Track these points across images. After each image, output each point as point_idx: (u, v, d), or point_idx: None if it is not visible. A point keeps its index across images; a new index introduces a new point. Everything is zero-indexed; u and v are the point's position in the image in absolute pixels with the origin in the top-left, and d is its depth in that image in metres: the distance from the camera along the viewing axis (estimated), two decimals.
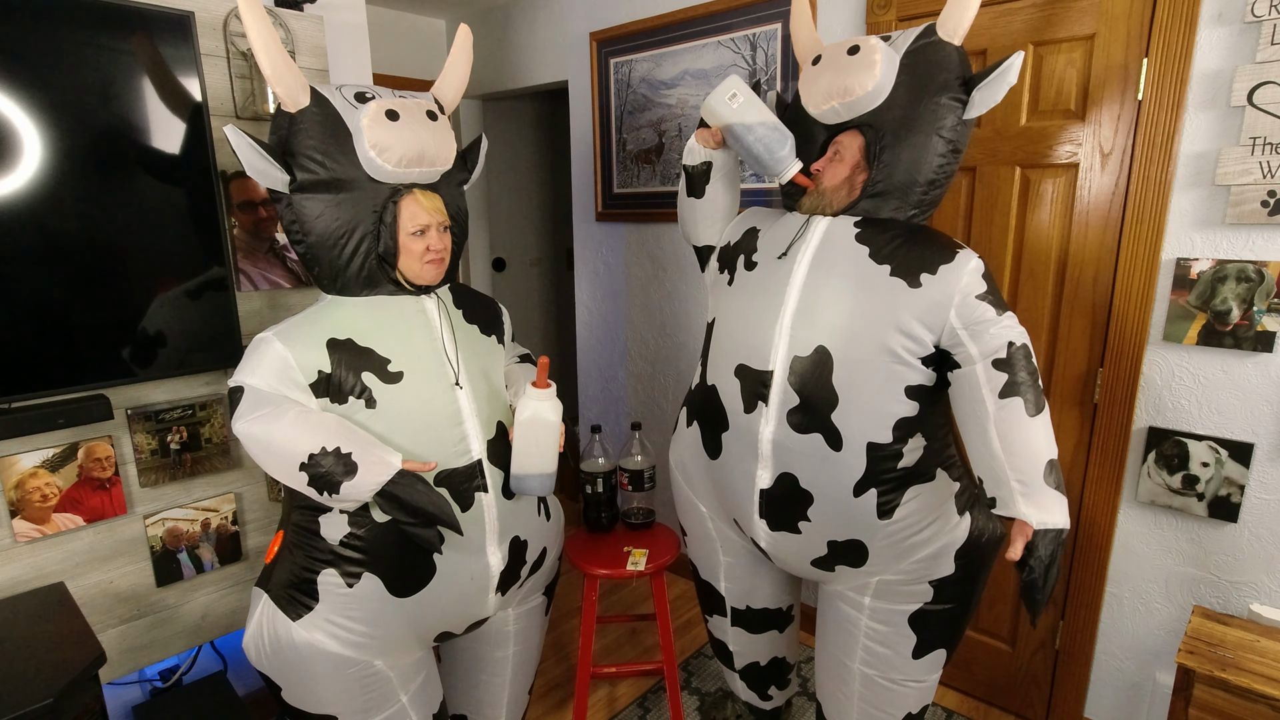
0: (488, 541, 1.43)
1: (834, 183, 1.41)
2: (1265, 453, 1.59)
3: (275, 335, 1.33)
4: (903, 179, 1.37)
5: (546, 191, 4.13)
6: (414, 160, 1.36)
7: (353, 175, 1.34)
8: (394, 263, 1.39)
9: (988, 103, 1.33)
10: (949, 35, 1.35)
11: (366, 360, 1.34)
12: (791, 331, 1.36)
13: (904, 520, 1.38)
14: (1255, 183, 1.50)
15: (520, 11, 3.07)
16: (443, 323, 1.44)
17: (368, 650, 1.40)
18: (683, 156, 1.60)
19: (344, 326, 1.36)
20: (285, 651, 1.37)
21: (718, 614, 1.77)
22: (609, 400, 3.03)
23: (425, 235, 1.38)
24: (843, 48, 1.38)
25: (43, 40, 1.40)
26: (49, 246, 1.45)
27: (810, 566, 1.49)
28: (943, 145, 1.36)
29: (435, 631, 1.47)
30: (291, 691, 1.41)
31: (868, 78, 1.33)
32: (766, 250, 1.47)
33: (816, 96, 1.41)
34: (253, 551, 1.89)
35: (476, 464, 1.40)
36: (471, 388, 1.43)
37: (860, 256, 1.35)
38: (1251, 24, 1.48)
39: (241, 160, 1.30)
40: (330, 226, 1.36)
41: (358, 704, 1.42)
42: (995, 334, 1.27)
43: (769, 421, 1.39)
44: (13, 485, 1.51)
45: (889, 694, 1.51)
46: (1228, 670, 1.44)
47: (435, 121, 1.40)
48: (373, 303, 1.40)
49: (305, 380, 1.32)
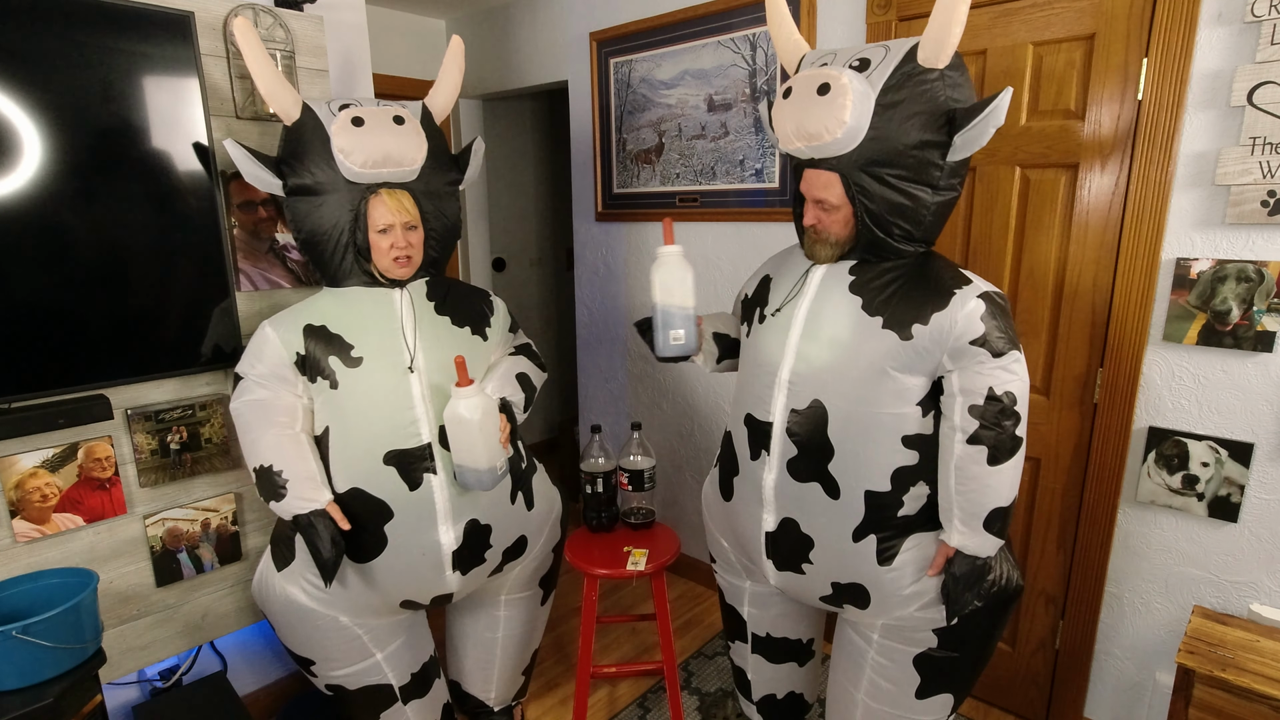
0: (438, 520, 1.55)
1: (842, 233, 1.35)
2: (1265, 453, 1.59)
3: (269, 323, 1.55)
4: (889, 224, 1.30)
5: (546, 191, 4.13)
6: (379, 161, 1.49)
7: (332, 178, 1.51)
8: (369, 257, 1.55)
9: (972, 146, 1.24)
10: (930, 61, 1.24)
11: (334, 346, 1.52)
12: (789, 385, 1.38)
13: (905, 568, 1.38)
14: (1255, 183, 1.50)
15: (520, 11, 3.07)
16: (405, 314, 1.57)
17: (330, 605, 1.59)
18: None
19: (322, 314, 1.54)
20: (275, 597, 1.62)
21: (739, 639, 1.77)
22: (609, 400, 3.03)
23: (390, 233, 1.53)
24: (813, 83, 1.25)
25: (43, 40, 1.40)
26: (49, 246, 1.45)
27: (820, 601, 1.51)
28: (927, 194, 1.28)
29: (396, 599, 1.61)
30: (282, 632, 1.66)
31: (835, 124, 1.23)
32: (774, 301, 1.47)
33: (784, 134, 1.33)
34: (253, 551, 1.89)
35: (426, 447, 1.53)
36: (428, 376, 1.55)
37: (853, 309, 1.33)
38: (1251, 24, 1.48)
39: (240, 169, 1.49)
40: (317, 224, 1.53)
41: (332, 652, 1.63)
42: (980, 378, 1.25)
43: (771, 469, 1.42)
44: (13, 485, 1.51)
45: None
46: (1228, 670, 1.44)
47: (401, 125, 1.53)
48: (347, 293, 1.58)
49: (290, 360, 1.52)
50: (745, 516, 1.51)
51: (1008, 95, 1.19)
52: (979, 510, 1.29)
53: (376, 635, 1.65)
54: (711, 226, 2.51)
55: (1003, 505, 1.30)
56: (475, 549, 1.61)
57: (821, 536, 1.39)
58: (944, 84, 1.25)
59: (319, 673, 1.67)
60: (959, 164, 1.29)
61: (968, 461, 1.28)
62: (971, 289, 1.27)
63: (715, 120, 2.39)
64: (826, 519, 1.38)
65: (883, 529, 1.36)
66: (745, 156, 2.35)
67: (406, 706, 1.73)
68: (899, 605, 1.40)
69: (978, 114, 1.20)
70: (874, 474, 1.34)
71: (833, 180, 1.30)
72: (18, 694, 1.30)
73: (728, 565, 1.70)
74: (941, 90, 1.24)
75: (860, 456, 1.33)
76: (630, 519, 2.00)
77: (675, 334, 1.51)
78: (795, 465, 1.39)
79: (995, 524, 1.30)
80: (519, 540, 1.72)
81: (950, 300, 1.26)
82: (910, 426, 1.32)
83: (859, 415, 1.32)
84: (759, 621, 1.70)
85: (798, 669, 1.75)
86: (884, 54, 1.27)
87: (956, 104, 1.25)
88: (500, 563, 1.70)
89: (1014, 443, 1.27)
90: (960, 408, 1.27)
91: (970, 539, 1.31)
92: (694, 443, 2.73)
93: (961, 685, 1.47)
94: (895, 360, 1.29)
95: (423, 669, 1.76)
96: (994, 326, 1.25)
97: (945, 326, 1.26)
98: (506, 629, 1.88)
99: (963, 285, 1.28)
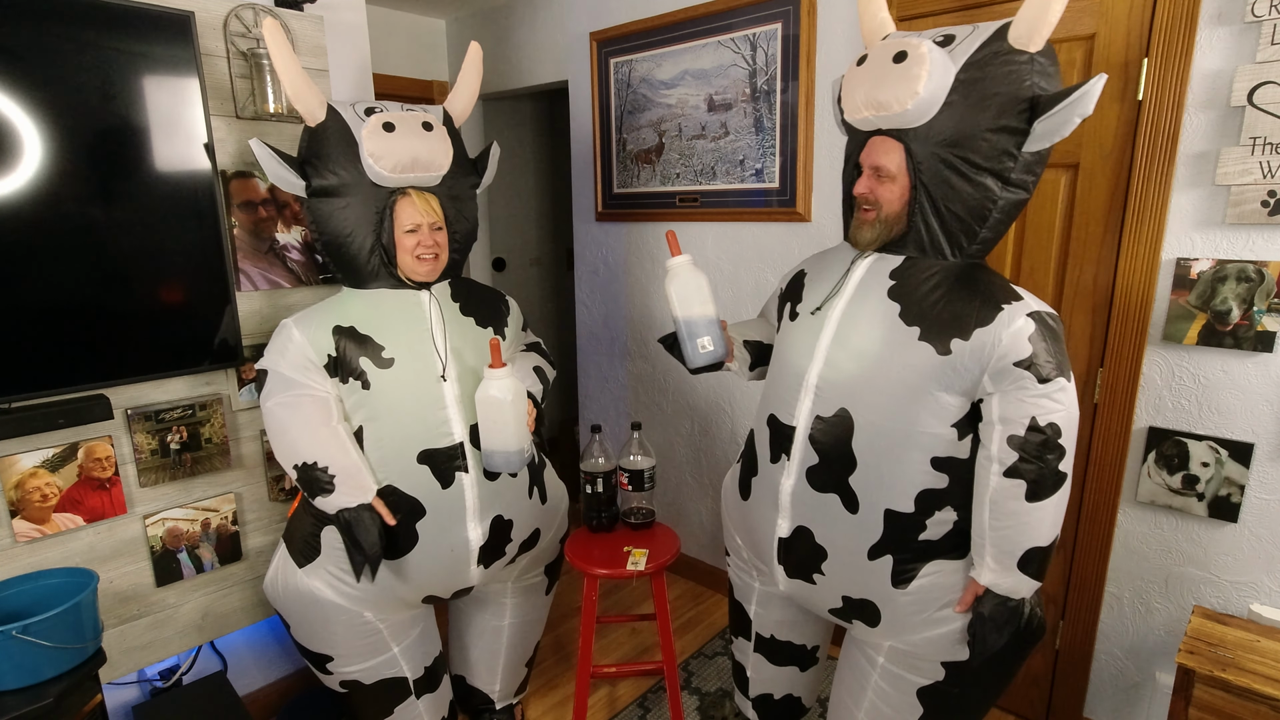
0: (468, 517, 1.59)
1: (893, 208, 1.25)
2: (1265, 453, 1.59)
3: (293, 322, 1.55)
4: (947, 215, 1.22)
5: (546, 191, 4.13)
6: (408, 166, 1.51)
7: (358, 180, 1.52)
8: (394, 259, 1.56)
9: (1054, 135, 1.14)
10: (1021, 42, 1.14)
11: (365, 347, 1.53)
12: (817, 390, 1.32)
13: (921, 593, 1.30)
14: (1255, 183, 1.50)
15: (520, 11, 3.07)
16: (434, 315, 1.60)
17: (357, 601, 1.60)
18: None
19: (350, 315, 1.55)
20: (293, 594, 1.61)
21: (742, 636, 1.73)
22: (609, 400, 3.03)
23: (417, 233, 1.55)
24: (890, 50, 1.19)
25: (43, 40, 1.40)
26: (49, 246, 1.44)
27: (829, 614, 1.46)
28: (996, 185, 1.19)
29: (421, 594, 1.66)
30: (298, 630, 1.66)
31: (907, 94, 1.16)
32: (810, 299, 1.41)
33: (852, 104, 1.26)
34: (253, 551, 1.89)
35: (458, 446, 1.57)
36: (459, 375, 1.58)
37: (890, 316, 1.25)
38: (1251, 24, 1.48)
39: (264, 168, 1.50)
40: (340, 226, 1.54)
41: (351, 648, 1.64)
42: (1023, 405, 1.16)
43: (789, 475, 1.37)
44: (13, 485, 1.51)
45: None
46: (1228, 670, 1.44)
47: (430, 131, 1.55)
48: (375, 295, 1.59)
49: (320, 363, 1.52)
50: (760, 518, 1.47)
51: (1101, 81, 1.09)
52: (1014, 549, 1.20)
53: (395, 629, 1.68)
54: (712, 226, 2.51)
55: (1041, 545, 1.20)
56: (499, 543, 1.66)
57: (836, 549, 1.34)
58: (1032, 68, 1.15)
59: (335, 669, 1.67)
60: (1035, 158, 1.20)
61: (1004, 496, 1.19)
62: (1021, 306, 1.18)
63: (715, 120, 2.39)
64: (842, 533, 1.32)
65: (901, 550, 1.29)
66: (745, 156, 2.35)
67: (419, 701, 1.75)
68: (910, 630, 1.33)
69: (1064, 99, 1.10)
70: (897, 493, 1.26)
71: (895, 147, 1.22)
72: (18, 694, 1.30)
73: (740, 562, 1.67)
74: (1029, 74, 1.15)
75: (884, 473, 1.26)
76: (630, 519, 2.00)
77: (702, 342, 1.48)
78: (815, 474, 1.33)
79: (1032, 565, 1.20)
80: (534, 533, 1.77)
81: (997, 316, 1.17)
82: (942, 448, 1.24)
83: (888, 430, 1.24)
84: (764, 622, 1.67)
85: (799, 673, 1.72)
86: (971, 31, 1.20)
87: (1043, 92, 1.16)
88: (515, 555, 1.75)
89: (1057, 479, 1.17)
90: (999, 437, 1.18)
91: (1003, 578, 1.22)
92: (694, 443, 2.73)
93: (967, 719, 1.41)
94: (930, 376, 1.20)
95: (434, 663, 1.79)
96: (1043, 349, 1.15)
97: (988, 344, 1.16)
98: (513, 616, 1.91)
99: (1012, 301, 1.19)
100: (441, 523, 1.57)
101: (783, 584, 1.48)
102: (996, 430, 1.19)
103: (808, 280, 1.44)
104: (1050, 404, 1.16)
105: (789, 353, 1.40)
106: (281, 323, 1.56)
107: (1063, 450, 1.17)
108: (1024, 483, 1.17)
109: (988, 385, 1.19)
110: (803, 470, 1.35)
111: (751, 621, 1.69)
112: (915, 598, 1.31)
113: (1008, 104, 1.15)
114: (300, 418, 1.50)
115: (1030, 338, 1.15)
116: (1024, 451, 1.16)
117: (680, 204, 2.55)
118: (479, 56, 1.71)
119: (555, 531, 1.90)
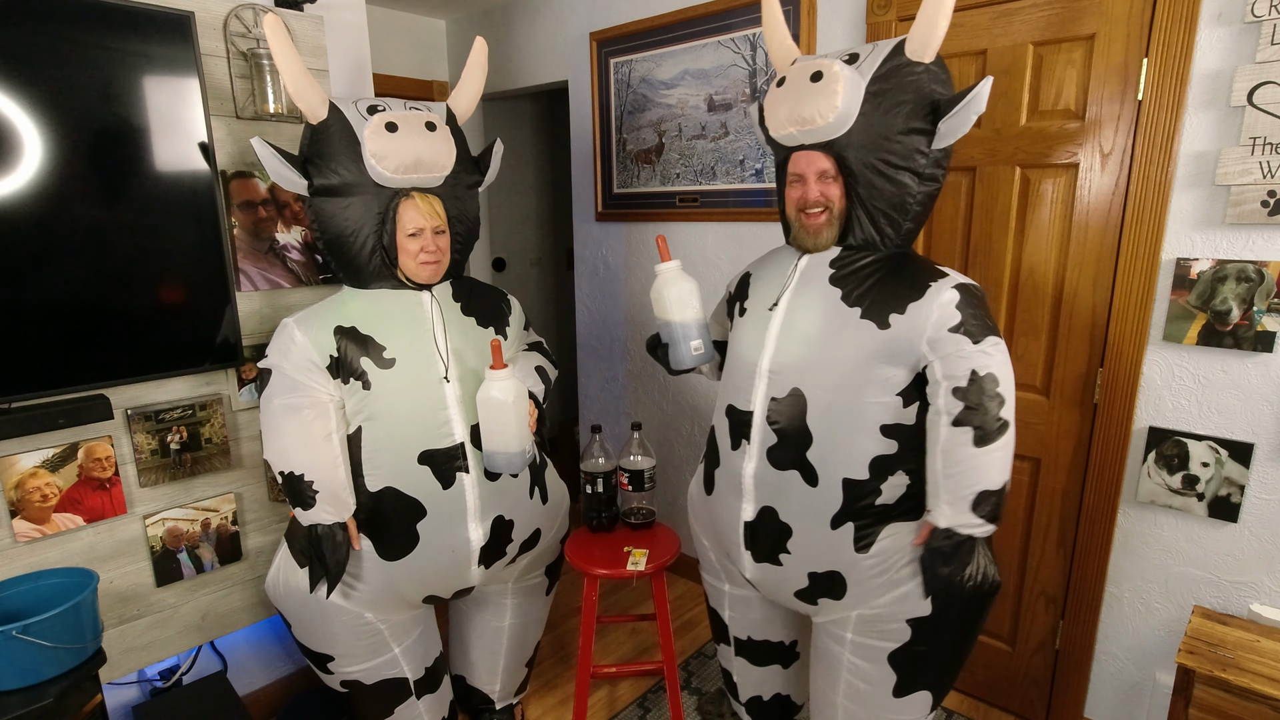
0: (469, 518, 1.59)
1: (840, 204, 1.39)
2: (1265, 453, 1.59)
3: (295, 322, 1.53)
4: (874, 210, 1.37)
5: (546, 191, 4.13)
6: (410, 167, 1.50)
7: (360, 180, 1.50)
8: (395, 260, 1.55)
9: (955, 133, 1.31)
10: (917, 55, 1.31)
11: (366, 347, 1.52)
12: (770, 375, 1.42)
13: (881, 555, 1.39)
14: (1255, 183, 1.50)
15: (520, 11, 3.07)
16: (435, 316, 1.59)
17: (358, 603, 1.60)
18: None
19: (351, 315, 1.54)
20: (294, 594, 1.61)
21: (724, 643, 1.80)
22: (609, 400, 3.03)
23: (420, 236, 1.54)
24: (806, 71, 1.34)
25: (43, 40, 1.40)
26: (49, 246, 1.45)
27: (794, 598, 1.51)
28: (913, 180, 1.34)
29: (422, 594, 1.66)
30: (299, 629, 1.66)
31: (828, 108, 1.30)
32: (757, 296, 1.52)
33: (776, 121, 1.40)
34: (253, 551, 1.89)
35: (459, 446, 1.56)
36: (460, 376, 1.58)
37: (833, 300, 1.38)
38: (1251, 24, 1.48)
39: (266, 167, 1.48)
40: (342, 226, 1.53)
41: (352, 648, 1.64)
42: (962, 361, 1.28)
43: (750, 458, 1.45)
44: (13, 485, 1.51)
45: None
46: (1228, 670, 1.44)
47: (433, 131, 1.53)
48: (376, 295, 1.58)
49: (322, 364, 1.51)
50: (725, 508, 1.53)
51: (988, 84, 1.26)
52: (966, 492, 1.29)
53: (396, 630, 1.68)
54: (711, 226, 2.51)
55: (992, 488, 1.29)
56: (499, 544, 1.66)
57: (800, 524, 1.42)
58: (929, 77, 1.32)
59: (336, 669, 1.67)
60: (943, 153, 1.36)
61: (954, 444, 1.29)
62: (947, 280, 1.32)
63: (715, 120, 2.39)
64: (805, 506, 1.40)
65: (860, 517, 1.38)
66: (745, 156, 2.35)
67: (420, 701, 1.75)
68: (875, 593, 1.41)
69: (960, 101, 1.27)
70: (852, 462, 1.36)
71: (824, 156, 1.37)
72: (18, 694, 1.30)
73: (710, 567, 1.73)
74: (927, 82, 1.32)
75: (839, 444, 1.36)
76: (630, 519, 2.00)
77: (695, 344, 1.55)
78: (775, 453, 1.42)
79: (984, 506, 1.29)
80: (535, 533, 1.77)
81: (926, 291, 1.31)
82: (890, 416, 1.35)
83: (838, 403, 1.35)
84: (740, 625, 1.73)
85: (782, 671, 1.77)
86: (872, 49, 1.36)
87: (941, 96, 1.33)
88: (516, 555, 1.75)
89: (1001, 425, 1.28)
90: (944, 391, 1.29)
91: (957, 518, 1.31)
92: (694, 443, 2.73)
93: (939, 682, 1.47)
94: (874, 349, 1.32)
95: (435, 664, 1.79)
96: (970, 314, 1.29)
97: (922, 316, 1.30)
98: (513, 616, 1.91)
99: (938, 278, 1.33)
100: (442, 523, 1.57)
101: (750, 570, 1.53)
102: (942, 387, 1.30)
103: (753, 280, 1.56)
104: (985, 358, 1.27)
105: (741, 346, 1.50)
106: (282, 322, 1.54)
107: (1002, 399, 1.28)
108: (971, 429, 1.27)
109: (928, 353, 1.31)
110: (763, 451, 1.43)
111: (728, 626, 1.74)
112: (877, 559, 1.40)
113: (914, 109, 1.32)
114: (299, 424, 1.48)
115: (958, 305, 1.29)
116: (967, 400, 1.27)
117: (680, 204, 2.55)
118: (484, 53, 1.69)
119: (556, 531, 1.89)
